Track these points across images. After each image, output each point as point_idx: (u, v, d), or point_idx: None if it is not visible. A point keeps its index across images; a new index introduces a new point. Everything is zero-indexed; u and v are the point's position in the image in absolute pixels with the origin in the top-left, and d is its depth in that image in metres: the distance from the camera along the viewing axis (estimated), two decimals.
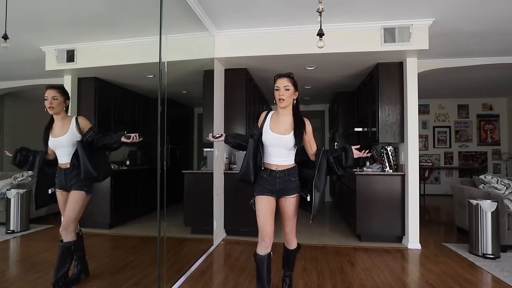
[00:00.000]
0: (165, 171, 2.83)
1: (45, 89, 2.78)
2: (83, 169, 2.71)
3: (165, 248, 2.93)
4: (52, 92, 2.76)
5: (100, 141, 2.83)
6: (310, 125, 2.50)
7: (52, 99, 2.75)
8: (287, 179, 2.46)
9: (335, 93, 7.00)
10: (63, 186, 2.84)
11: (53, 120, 2.86)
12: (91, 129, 2.87)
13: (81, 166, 2.71)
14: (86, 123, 2.89)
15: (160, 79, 2.76)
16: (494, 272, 3.38)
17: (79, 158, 2.72)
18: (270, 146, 2.46)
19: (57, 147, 2.81)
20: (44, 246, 4.16)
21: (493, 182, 4.47)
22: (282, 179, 2.46)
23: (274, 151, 2.47)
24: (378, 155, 5.18)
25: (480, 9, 3.57)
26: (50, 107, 2.74)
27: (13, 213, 4.68)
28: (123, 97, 6.05)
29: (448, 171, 9.16)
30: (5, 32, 2.75)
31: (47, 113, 2.83)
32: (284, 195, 2.48)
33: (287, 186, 2.47)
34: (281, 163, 2.47)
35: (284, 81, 2.44)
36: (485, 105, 9.03)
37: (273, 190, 2.48)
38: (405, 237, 4.42)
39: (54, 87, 2.80)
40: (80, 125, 2.85)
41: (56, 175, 2.86)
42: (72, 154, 2.77)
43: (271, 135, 2.45)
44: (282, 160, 2.47)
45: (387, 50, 4.12)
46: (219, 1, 3.51)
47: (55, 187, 2.88)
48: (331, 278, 3.23)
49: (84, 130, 2.85)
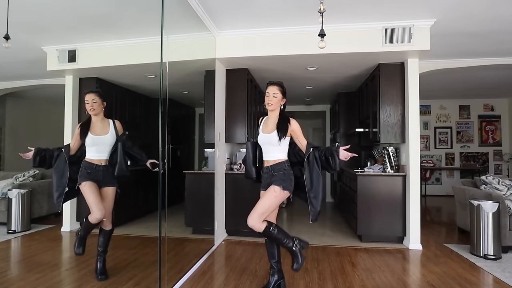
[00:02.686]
0: (166, 171, 2.83)
1: (84, 94, 3.08)
2: (118, 168, 3.05)
3: (166, 248, 2.93)
4: (92, 96, 3.05)
5: (130, 149, 3.19)
6: (296, 124, 2.76)
7: (92, 102, 3.04)
8: (271, 174, 2.75)
9: (337, 93, 7.00)
10: (97, 180, 3.04)
11: (90, 120, 3.11)
12: (124, 134, 3.20)
13: (117, 165, 3.06)
14: (121, 126, 3.21)
15: (162, 79, 2.77)
16: (495, 273, 3.37)
17: (118, 157, 3.06)
18: (262, 145, 2.82)
19: (98, 144, 3.05)
20: (46, 246, 4.17)
21: (494, 183, 4.47)
22: (268, 174, 2.78)
23: (265, 149, 2.81)
24: (379, 155, 5.18)
25: (481, 9, 3.56)
26: (91, 109, 3.04)
27: (14, 213, 4.69)
28: (124, 98, 6.04)
29: (449, 171, 9.15)
30: (6, 32, 2.76)
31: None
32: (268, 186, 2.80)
33: (271, 179, 2.74)
34: (269, 158, 2.78)
35: (273, 89, 2.77)
36: (487, 105, 9.01)
37: (265, 185, 2.82)
38: (406, 237, 4.42)
39: (92, 91, 3.09)
40: (117, 128, 3.16)
41: (87, 170, 3.02)
42: (109, 152, 3.10)
43: (261, 136, 2.82)
44: (269, 156, 2.78)
45: (389, 51, 4.12)
46: (220, 1, 3.52)
47: (79, 182, 3.00)
48: (332, 278, 3.23)
49: (120, 132, 3.16)
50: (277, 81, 2.83)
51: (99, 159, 3.06)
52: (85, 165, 3.03)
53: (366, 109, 5.57)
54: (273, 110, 2.80)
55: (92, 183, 2.99)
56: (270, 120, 2.82)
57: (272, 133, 2.74)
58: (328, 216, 6.49)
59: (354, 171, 4.81)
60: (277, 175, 2.71)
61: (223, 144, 4.81)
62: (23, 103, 6.37)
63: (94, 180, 3.02)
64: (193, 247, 4.44)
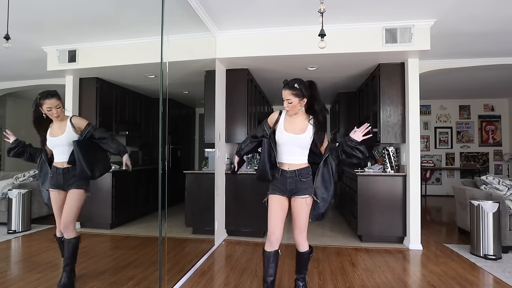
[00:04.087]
0: (167, 171, 2.83)
1: (40, 98, 2.75)
2: (78, 169, 2.78)
3: (166, 249, 2.93)
4: (54, 102, 2.77)
5: (102, 141, 2.89)
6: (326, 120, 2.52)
7: (56, 108, 2.78)
8: (298, 179, 2.47)
9: (337, 93, 7.00)
10: (60, 185, 2.85)
11: (50, 122, 2.89)
12: (89, 125, 2.90)
13: (77, 165, 2.78)
14: (81, 121, 2.92)
15: (162, 79, 2.76)
16: (495, 273, 3.37)
17: (75, 156, 2.77)
18: (284, 145, 2.50)
19: (55, 146, 2.85)
20: (46, 246, 4.16)
21: (494, 183, 4.46)
22: (292, 179, 2.47)
23: (287, 150, 2.50)
24: (379, 155, 5.18)
25: (481, 10, 3.56)
26: (56, 116, 2.80)
27: (14, 213, 4.69)
28: (124, 98, 6.05)
29: (450, 172, 9.14)
30: (7, 32, 2.76)
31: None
32: (295, 195, 2.49)
33: (298, 186, 2.47)
34: (293, 162, 2.49)
35: (286, 94, 2.43)
36: (487, 105, 9.01)
37: (284, 190, 2.50)
38: (406, 237, 4.41)
39: (52, 95, 2.77)
40: (75, 125, 2.87)
41: (50, 174, 2.87)
42: (69, 153, 2.83)
43: (285, 135, 2.48)
44: (294, 159, 2.50)
45: (389, 51, 4.12)
46: (220, 2, 3.52)
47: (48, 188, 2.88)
48: (332, 278, 3.23)
49: (80, 128, 2.88)
50: (292, 80, 2.45)
51: (60, 161, 2.86)
52: (52, 169, 2.89)
53: (366, 109, 5.57)
54: (295, 114, 2.51)
55: (55, 192, 2.86)
56: (296, 120, 2.51)
57: (302, 135, 2.46)
58: (328, 216, 6.49)
59: (354, 171, 4.80)
60: (306, 182, 2.48)
61: (223, 144, 4.81)
62: (23, 103, 6.36)
63: (56, 185, 2.85)
64: (193, 247, 4.44)
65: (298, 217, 2.49)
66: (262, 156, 2.51)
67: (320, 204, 2.49)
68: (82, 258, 3.42)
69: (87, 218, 5.03)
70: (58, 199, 2.87)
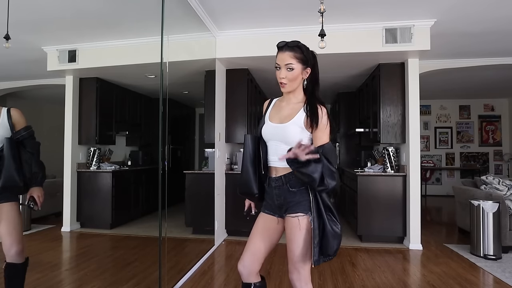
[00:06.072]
0: (167, 171, 2.83)
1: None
2: (4, 175, 2.00)
3: (166, 249, 2.93)
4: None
5: (30, 155, 2.14)
6: (326, 116, 1.63)
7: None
8: (285, 189, 1.68)
9: (337, 93, 7.01)
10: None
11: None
12: (28, 128, 2.20)
13: (4, 171, 2.00)
14: (21, 118, 2.19)
15: (162, 79, 2.77)
16: (495, 273, 3.37)
17: (5, 159, 2.01)
18: (268, 140, 1.74)
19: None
20: (46, 246, 4.16)
21: (494, 183, 4.46)
22: (279, 190, 1.70)
23: (272, 148, 1.72)
24: (379, 155, 5.18)
25: (481, 10, 3.56)
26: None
27: None
28: (124, 98, 6.06)
29: (450, 172, 9.14)
30: (7, 32, 2.76)
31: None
32: (286, 212, 1.70)
33: (287, 199, 1.68)
34: (279, 164, 1.68)
35: (285, 57, 1.68)
36: (487, 106, 9.01)
37: (273, 206, 1.76)
38: (406, 237, 4.41)
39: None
40: (13, 119, 2.14)
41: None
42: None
43: (269, 126, 1.75)
44: (279, 160, 1.65)
45: (389, 51, 4.11)
46: (220, 2, 3.51)
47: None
48: (332, 278, 3.23)
49: (17, 126, 2.15)
50: (292, 41, 1.72)
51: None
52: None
53: (366, 109, 5.57)
54: (291, 92, 1.73)
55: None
56: (286, 104, 1.75)
57: (287, 123, 1.68)
58: None
59: (355, 171, 4.81)
60: (297, 194, 1.66)
61: (223, 144, 4.81)
62: (23, 103, 6.37)
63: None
64: (193, 247, 4.44)
65: (288, 245, 1.68)
66: (244, 158, 1.77)
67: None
68: (82, 258, 3.43)
69: (87, 218, 5.05)
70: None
